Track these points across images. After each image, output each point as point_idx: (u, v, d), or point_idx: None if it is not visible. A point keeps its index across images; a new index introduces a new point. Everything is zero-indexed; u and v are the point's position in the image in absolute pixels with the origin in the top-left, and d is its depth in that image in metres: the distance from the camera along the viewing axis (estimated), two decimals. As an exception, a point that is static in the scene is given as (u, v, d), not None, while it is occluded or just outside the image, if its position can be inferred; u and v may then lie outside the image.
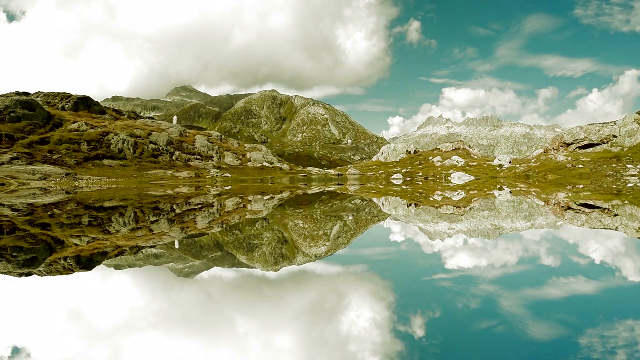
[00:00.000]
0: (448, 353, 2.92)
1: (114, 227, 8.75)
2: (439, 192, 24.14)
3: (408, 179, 59.03)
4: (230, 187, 31.17)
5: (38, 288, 4.39)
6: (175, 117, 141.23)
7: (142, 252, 6.23)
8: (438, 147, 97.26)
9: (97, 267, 5.21)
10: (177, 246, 6.78)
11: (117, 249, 6.20)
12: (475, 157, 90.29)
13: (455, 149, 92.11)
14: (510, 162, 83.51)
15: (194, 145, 63.72)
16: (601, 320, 3.41)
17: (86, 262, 5.44)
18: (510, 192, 24.13)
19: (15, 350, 2.99)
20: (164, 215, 11.44)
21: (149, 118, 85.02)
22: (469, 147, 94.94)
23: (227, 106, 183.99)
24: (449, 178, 61.47)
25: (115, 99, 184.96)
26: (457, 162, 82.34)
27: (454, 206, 14.75)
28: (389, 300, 4.07)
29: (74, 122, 57.31)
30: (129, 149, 55.51)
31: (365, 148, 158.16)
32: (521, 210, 12.86)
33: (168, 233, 7.98)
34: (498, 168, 78.01)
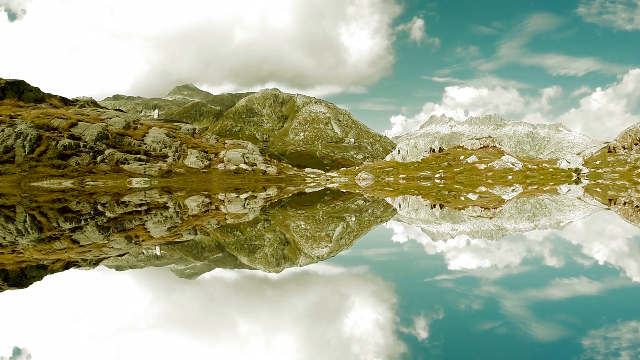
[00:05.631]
0: (451, 354, 2.91)
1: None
2: (484, 188, 21.04)
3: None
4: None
5: (38, 289, 4.39)
6: (156, 112, 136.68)
7: (143, 253, 6.24)
8: (461, 145, 78.64)
9: (99, 267, 5.21)
10: (158, 253, 6.77)
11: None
12: (508, 155, 70.59)
13: (484, 146, 73.80)
14: (583, 165, 63.57)
15: (142, 140, 47.66)
16: (604, 321, 3.39)
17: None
18: (584, 187, 20.55)
19: (17, 351, 2.99)
20: None
21: (119, 110, 62.70)
22: (499, 144, 76.24)
23: (228, 105, 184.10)
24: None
25: (116, 97, 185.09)
26: (513, 164, 61.07)
27: (482, 207, 13.01)
28: (391, 301, 4.05)
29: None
30: (23, 147, 39.39)
31: (368, 147, 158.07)
32: (556, 210, 12.72)
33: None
34: (575, 174, 58.09)
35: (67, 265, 5.20)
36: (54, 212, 10.92)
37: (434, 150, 71.50)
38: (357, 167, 73.41)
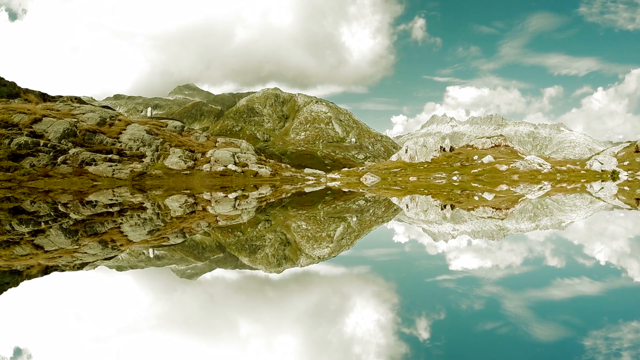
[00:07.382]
0: (452, 355, 2.91)
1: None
2: (505, 187, 19.28)
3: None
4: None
5: (39, 288, 4.39)
6: (149, 109, 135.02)
7: (144, 253, 6.24)
8: (471, 144, 71.55)
9: (99, 267, 5.21)
10: (152, 255, 6.78)
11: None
12: (523, 155, 63.98)
13: (495, 145, 67.45)
14: (617, 166, 56.34)
15: (117, 138, 42.08)
16: (606, 322, 3.38)
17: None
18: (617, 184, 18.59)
19: (18, 351, 3.00)
20: None
21: (106, 107, 56.32)
22: (511, 143, 70.07)
23: (229, 104, 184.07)
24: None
25: (117, 97, 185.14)
26: (540, 165, 54.45)
27: (494, 208, 12.30)
28: (392, 302, 4.05)
29: None
30: (-33, 147, 34.03)
31: (370, 147, 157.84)
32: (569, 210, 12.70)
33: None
34: (611, 177, 50.90)
35: (46, 270, 4.95)
36: (4, 213, 9.98)
37: (444, 150, 64.34)
38: (360, 168, 67.58)
